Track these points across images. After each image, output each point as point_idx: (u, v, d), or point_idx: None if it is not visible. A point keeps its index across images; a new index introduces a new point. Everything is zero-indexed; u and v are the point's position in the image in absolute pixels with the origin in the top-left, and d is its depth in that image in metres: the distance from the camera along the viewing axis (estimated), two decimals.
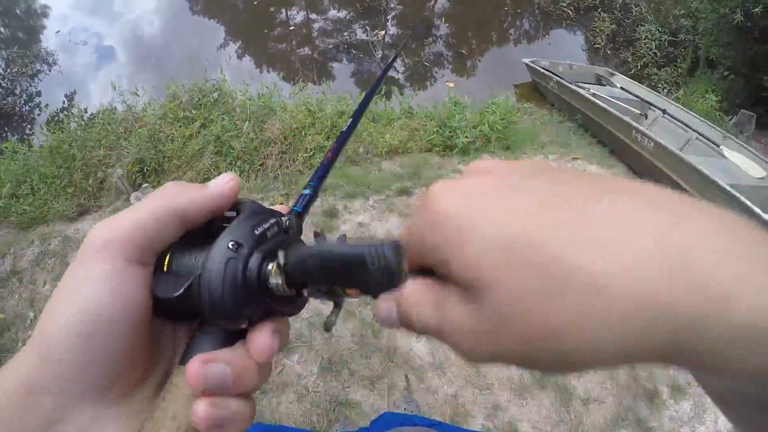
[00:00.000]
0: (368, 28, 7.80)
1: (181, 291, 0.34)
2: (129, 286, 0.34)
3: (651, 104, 5.49)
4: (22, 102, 7.46)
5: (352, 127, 0.56)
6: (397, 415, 1.35)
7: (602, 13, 8.10)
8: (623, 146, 5.06)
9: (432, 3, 8.61)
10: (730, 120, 6.16)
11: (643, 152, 4.77)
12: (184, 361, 0.35)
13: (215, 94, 4.63)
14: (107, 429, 0.34)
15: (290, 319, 0.39)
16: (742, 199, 3.91)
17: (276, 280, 0.34)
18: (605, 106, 5.22)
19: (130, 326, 0.34)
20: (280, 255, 0.33)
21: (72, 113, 5.43)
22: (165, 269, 0.36)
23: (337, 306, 0.39)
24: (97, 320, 0.32)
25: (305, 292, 0.35)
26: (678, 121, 5.19)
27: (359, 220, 3.51)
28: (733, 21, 6.24)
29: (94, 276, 0.33)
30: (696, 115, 5.40)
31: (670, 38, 7.51)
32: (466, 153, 4.46)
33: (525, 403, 2.54)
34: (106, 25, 8.89)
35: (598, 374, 2.74)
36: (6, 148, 4.71)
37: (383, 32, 7.76)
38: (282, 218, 0.39)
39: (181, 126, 4.34)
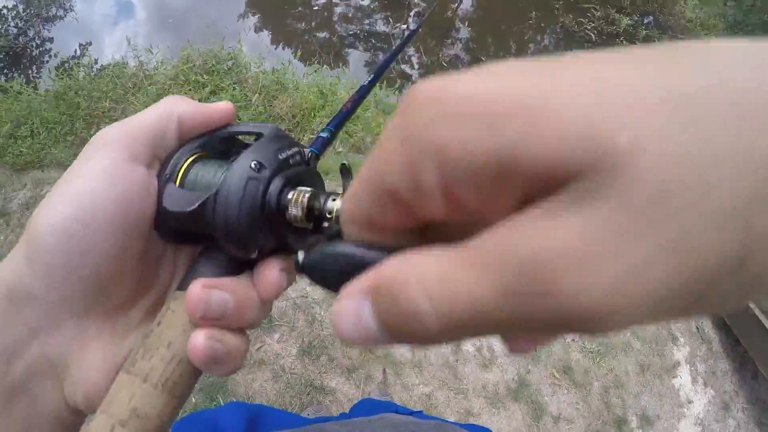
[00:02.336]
0: (391, 20, 7.76)
1: (196, 206, 0.31)
2: (128, 182, 0.31)
3: None
4: (34, 45, 7.35)
5: (372, 83, 0.55)
6: (377, 403, 1.33)
7: (624, 42, 8.08)
8: None
9: (456, 5, 8.58)
10: None
11: None
12: (183, 286, 0.33)
13: (230, 63, 4.59)
14: (89, 347, 0.32)
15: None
16: None
17: (295, 210, 0.32)
18: None
19: (126, 228, 0.31)
20: (300, 254, 0.27)
21: (82, 62, 5.36)
22: (177, 183, 0.34)
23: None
24: (91, 216, 0.30)
25: (325, 226, 0.32)
26: None
27: None
28: None
29: (91, 170, 0.31)
30: None
31: None
32: None
33: (497, 413, 2.54)
34: None
35: (572, 394, 2.75)
36: (11, 87, 4.65)
37: (405, 26, 7.72)
38: (304, 149, 0.37)
39: (191, 89, 4.28)
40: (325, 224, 0.32)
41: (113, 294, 0.33)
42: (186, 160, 0.34)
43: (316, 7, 8.18)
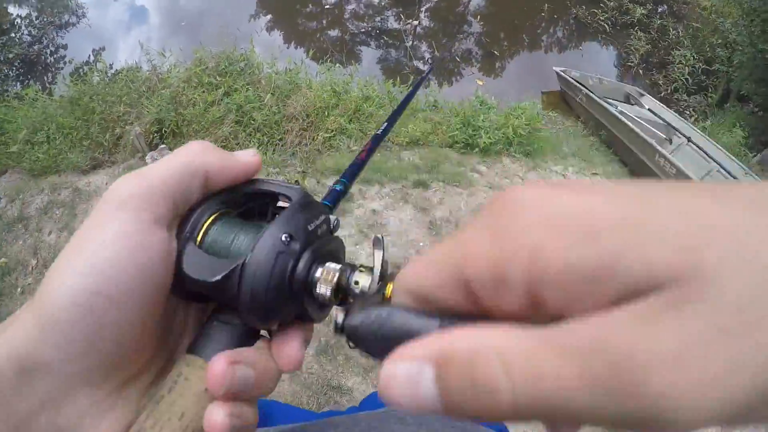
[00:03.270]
0: (402, 17, 7.74)
1: (220, 277, 0.29)
2: (151, 250, 0.29)
3: (677, 130, 5.43)
4: (48, 52, 7.46)
5: (386, 131, 0.55)
6: None
7: (639, 32, 8.00)
8: (644, 168, 5.01)
9: (467, 0, 8.54)
10: (753, 157, 6.06)
11: (663, 177, 4.71)
12: (197, 351, 0.31)
13: (242, 64, 4.61)
14: (103, 418, 0.30)
15: None
16: None
17: (324, 289, 0.30)
18: (632, 125, 5.16)
19: (147, 299, 0.29)
20: (339, 315, 0.27)
21: (96, 68, 5.40)
22: (198, 243, 0.32)
23: None
24: (112, 290, 0.27)
25: (350, 302, 0.31)
26: (701, 150, 5.14)
27: (373, 207, 3.48)
28: None
29: (112, 234, 0.28)
30: (720, 147, 5.32)
31: (703, 66, 7.42)
32: (487, 153, 4.40)
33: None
34: None
35: None
36: (26, 94, 4.70)
37: (416, 22, 7.70)
38: (330, 216, 0.35)
39: (204, 91, 4.31)
40: (351, 300, 0.31)
41: (132, 361, 0.31)
42: (207, 219, 0.33)
43: (327, 6, 8.19)
